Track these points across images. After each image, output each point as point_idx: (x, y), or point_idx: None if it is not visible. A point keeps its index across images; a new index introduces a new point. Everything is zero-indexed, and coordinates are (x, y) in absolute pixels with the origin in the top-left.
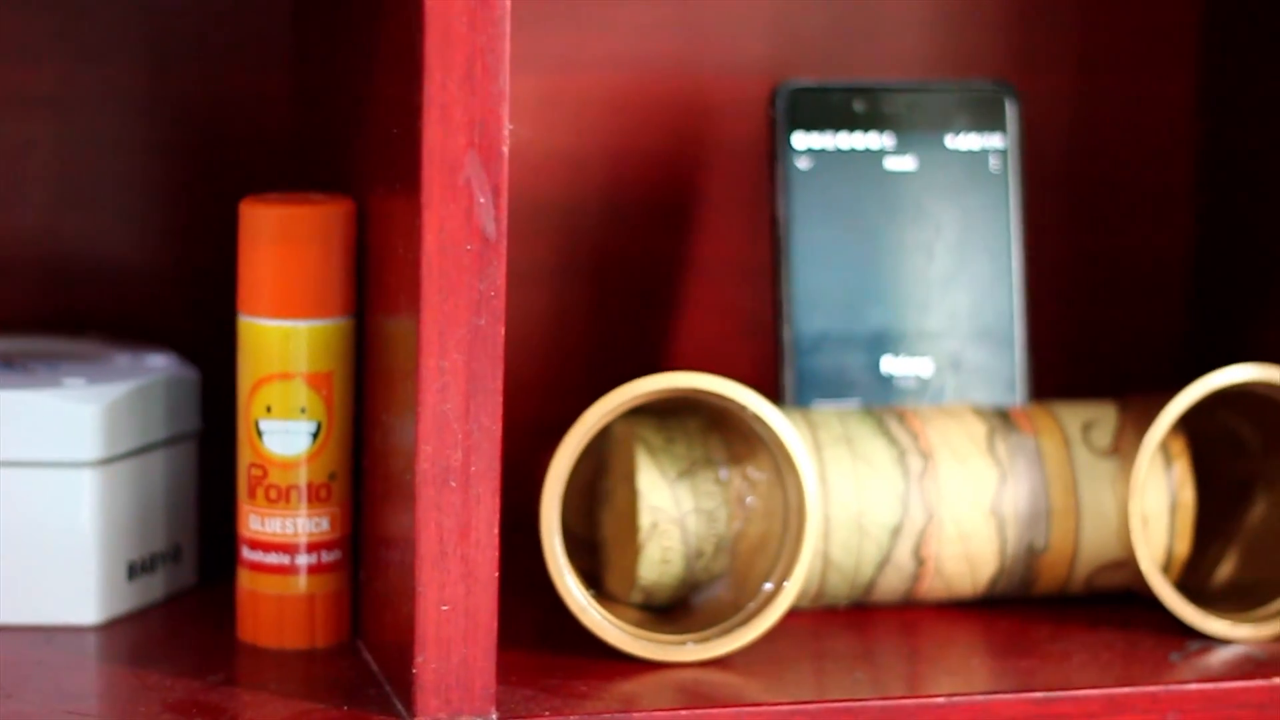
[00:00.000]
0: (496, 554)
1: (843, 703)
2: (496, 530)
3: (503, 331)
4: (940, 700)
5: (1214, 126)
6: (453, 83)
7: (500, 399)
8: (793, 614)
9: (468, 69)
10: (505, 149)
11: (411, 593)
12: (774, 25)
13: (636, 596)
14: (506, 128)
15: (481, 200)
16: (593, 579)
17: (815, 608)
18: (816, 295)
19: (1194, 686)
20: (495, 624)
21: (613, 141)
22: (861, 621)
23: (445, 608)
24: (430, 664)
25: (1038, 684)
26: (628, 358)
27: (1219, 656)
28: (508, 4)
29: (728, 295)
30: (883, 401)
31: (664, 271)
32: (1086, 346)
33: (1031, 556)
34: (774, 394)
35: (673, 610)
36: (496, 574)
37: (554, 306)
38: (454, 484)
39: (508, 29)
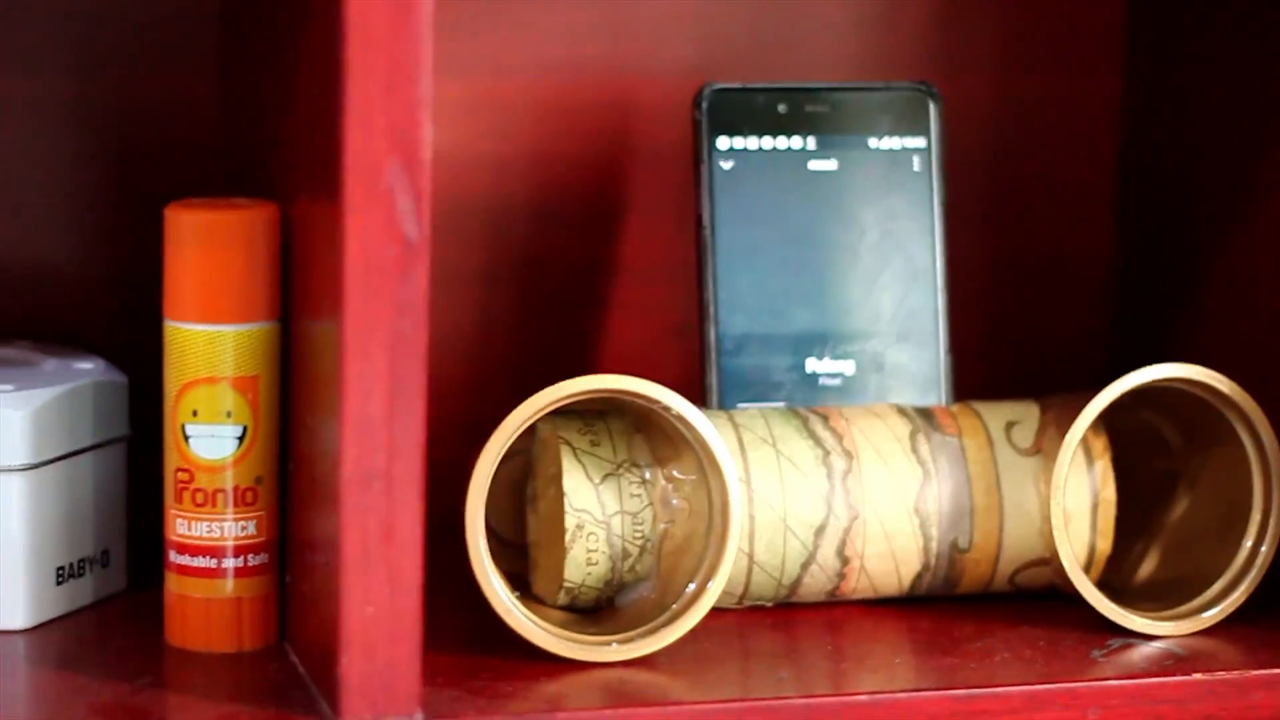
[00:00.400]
0: (421, 556)
1: (766, 701)
2: (421, 533)
3: (426, 335)
4: (863, 698)
5: (1138, 127)
6: (374, 89)
7: (424, 402)
8: (719, 614)
9: (389, 75)
10: (427, 154)
11: (336, 595)
12: (699, 28)
13: (562, 598)
14: (428, 133)
15: (403, 205)
16: (521, 581)
17: (741, 607)
18: (740, 297)
19: (1114, 683)
20: (420, 626)
21: (539, 145)
22: (787, 620)
23: (370, 610)
24: (355, 666)
25: (960, 681)
26: (556, 360)
27: (1141, 653)
28: (429, 11)
29: (655, 297)
30: (807, 402)
31: (591, 273)
32: (1011, 346)
33: (955, 555)
34: (700, 395)
35: (599, 611)
36: (421, 576)
37: (482, 309)
38: (378, 487)
39: (429, 36)
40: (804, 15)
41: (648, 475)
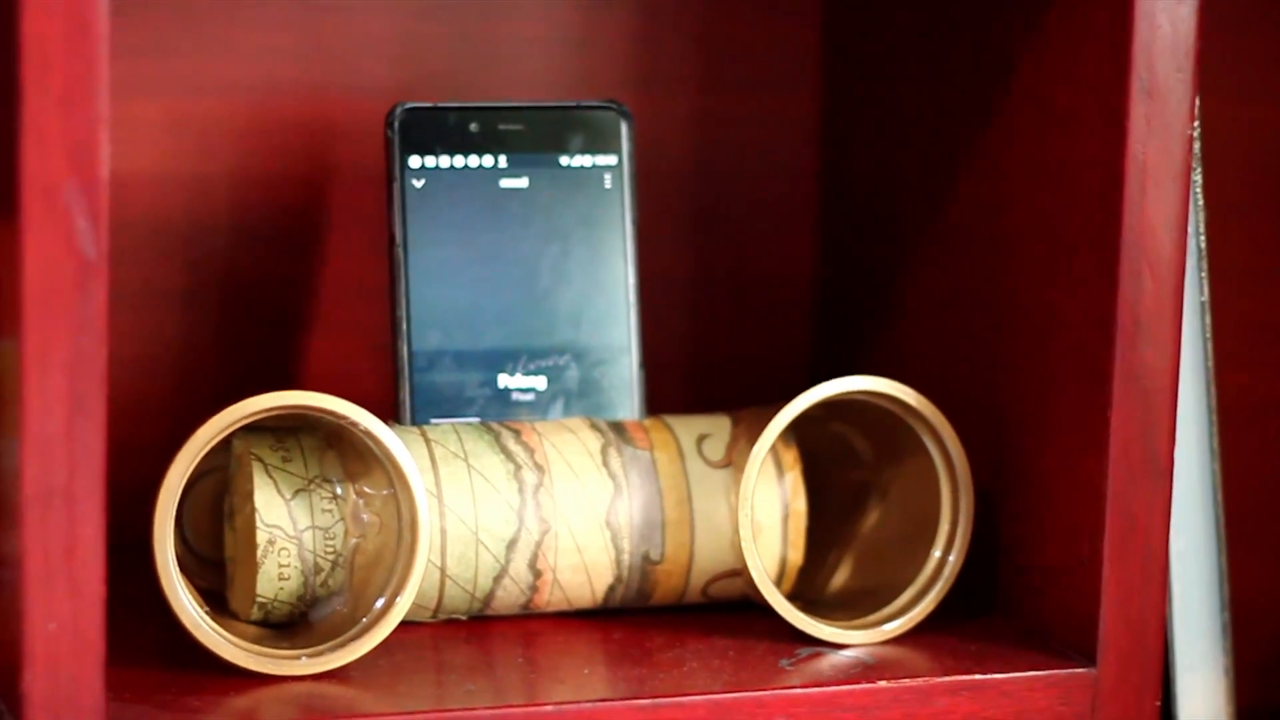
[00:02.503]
0: (103, 572)
1: (455, 712)
2: (103, 549)
3: (106, 353)
4: (549, 708)
5: (836, 145)
6: (50, 108)
7: (104, 419)
8: (413, 627)
9: (65, 93)
10: (105, 173)
11: (20, 612)
12: (397, 48)
13: (256, 613)
14: (106, 153)
15: (81, 224)
16: (219, 598)
17: (436, 621)
18: (433, 314)
19: (800, 691)
20: (104, 641)
21: (238, 164)
22: (481, 633)
23: (52, 626)
24: (39, 681)
25: (648, 691)
26: (257, 377)
27: (829, 661)
28: (105, 31)
29: (355, 314)
30: (500, 417)
31: (292, 291)
32: (712, 362)
33: (648, 567)
34: (395, 411)
35: (294, 626)
36: (103, 592)
37: (182, 327)
38: (58, 504)
39: (106, 54)
40: (503, 35)
41: (339, 490)
